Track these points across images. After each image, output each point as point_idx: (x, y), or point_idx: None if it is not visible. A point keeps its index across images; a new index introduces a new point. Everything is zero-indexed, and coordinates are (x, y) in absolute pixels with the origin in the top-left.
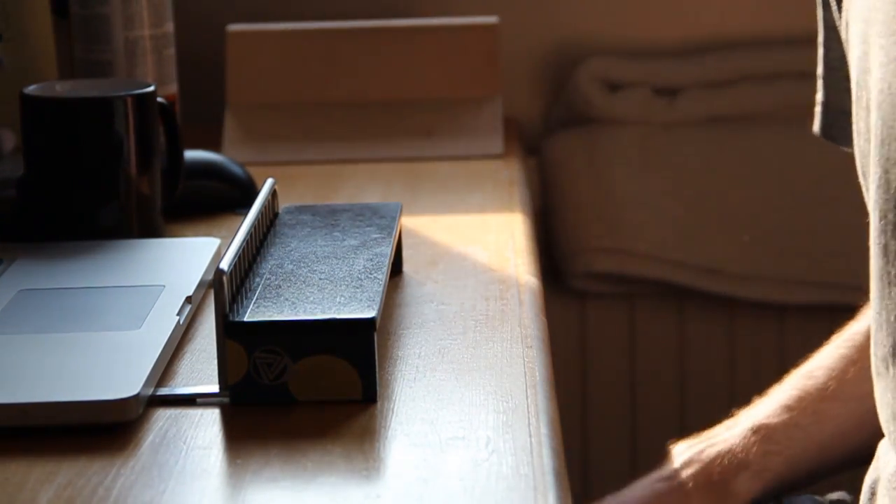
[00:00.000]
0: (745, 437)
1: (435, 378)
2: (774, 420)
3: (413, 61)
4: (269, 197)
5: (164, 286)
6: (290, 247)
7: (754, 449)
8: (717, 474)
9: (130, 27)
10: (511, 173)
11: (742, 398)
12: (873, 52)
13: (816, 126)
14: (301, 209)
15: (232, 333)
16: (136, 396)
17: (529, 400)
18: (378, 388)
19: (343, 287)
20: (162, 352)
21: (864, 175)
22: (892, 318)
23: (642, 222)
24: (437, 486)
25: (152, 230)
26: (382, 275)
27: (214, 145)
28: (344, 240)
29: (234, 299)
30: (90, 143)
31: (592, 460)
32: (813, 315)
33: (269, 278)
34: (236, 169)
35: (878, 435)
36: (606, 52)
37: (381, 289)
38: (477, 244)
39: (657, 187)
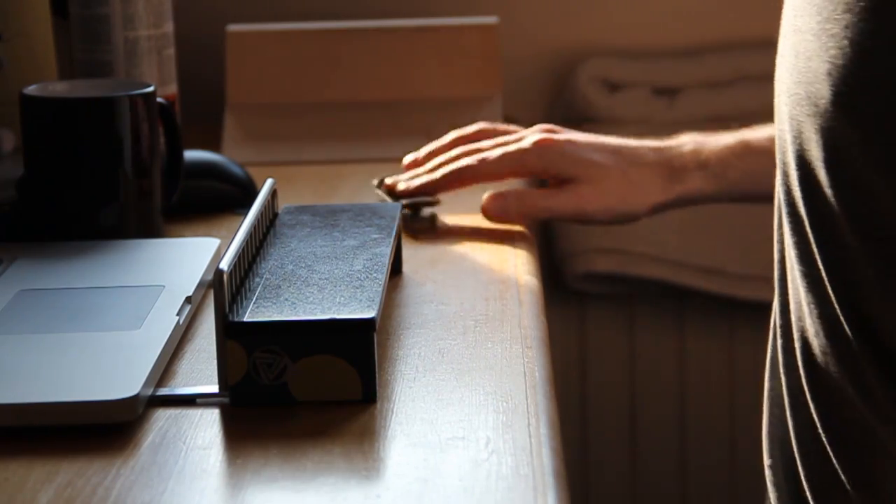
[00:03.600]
0: (717, 145)
1: (435, 378)
2: (756, 141)
3: (413, 61)
4: (269, 197)
5: (163, 286)
6: (290, 247)
7: (720, 156)
8: (677, 161)
9: (130, 27)
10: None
11: (741, 397)
12: None
13: None
14: (301, 209)
15: (232, 333)
16: (136, 397)
17: (529, 400)
18: (378, 388)
19: (343, 287)
20: (162, 352)
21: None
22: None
23: (642, 222)
24: (436, 486)
25: (152, 230)
26: (382, 275)
27: (214, 145)
28: (343, 240)
29: (233, 299)
30: (90, 143)
31: (592, 460)
32: None
33: (269, 278)
34: (236, 169)
35: None
36: (606, 53)
37: (380, 289)
38: (477, 244)
39: None
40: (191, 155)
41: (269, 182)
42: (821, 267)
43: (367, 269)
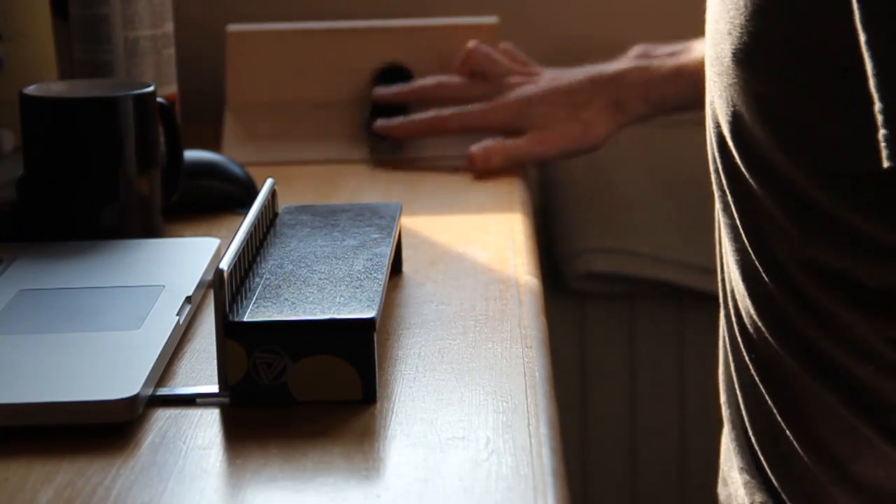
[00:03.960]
0: (658, 74)
1: (435, 378)
2: (688, 67)
3: (413, 61)
4: (269, 197)
5: (163, 286)
6: (290, 247)
7: (659, 87)
8: (622, 95)
9: (130, 27)
10: (511, 173)
11: None
12: None
13: None
14: (301, 209)
15: (232, 333)
16: (136, 396)
17: (529, 400)
18: (378, 388)
19: (343, 287)
20: (162, 352)
21: None
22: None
23: (642, 222)
24: (436, 486)
25: (152, 230)
26: (382, 275)
27: (214, 145)
28: (344, 240)
29: (233, 299)
30: (90, 143)
31: (592, 460)
32: None
33: (269, 278)
34: (236, 169)
35: None
36: (606, 52)
37: (380, 289)
38: (477, 244)
39: (657, 187)
40: (191, 155)
41: (269, 182)
42: (736, 216)
43: (367, 269)
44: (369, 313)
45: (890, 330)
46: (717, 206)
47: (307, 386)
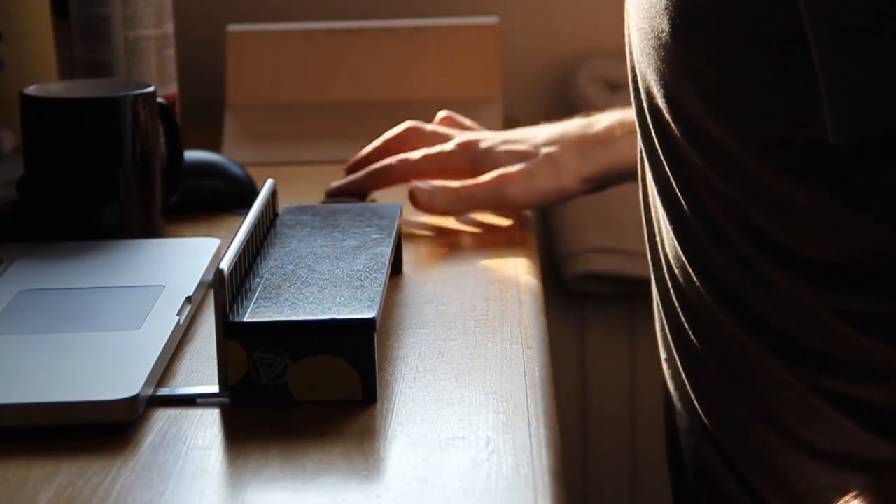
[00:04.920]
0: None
1: (435, 378)
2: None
3: (413, 61)
4: (269, 197)
5: (164, 286)
6: (290, 247)
7: (625, 137)
8: (603, 133)
9: (130, 27)
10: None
11: None
12: None
13: None
14: (301, 209)
15: (232, 333)
16: (136, 397)
17: (529, 400)
18: (378, 388)
19: (343, 287)
20: (162, 352)
21: None
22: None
23: (642, 223)
24: (436, 486)
25: (152, 230)
26: (382, 275)
27: (214, 145)
28: (344, 240)
29: (234, 299)
30: (90, 143)
31: (592, 460)
32: None
33: (269, 278)
34: (236, 169)
35: None
36: (606, 53)
37: (380, 289)
38: (477, 244)
39: None
40: (191, 155)
41: (269, 182)
42: (675, 186)
43: (368, 269)
44: (369, 313)
45: (836, 300)
46: (649, 175)
47: (307, 386)
